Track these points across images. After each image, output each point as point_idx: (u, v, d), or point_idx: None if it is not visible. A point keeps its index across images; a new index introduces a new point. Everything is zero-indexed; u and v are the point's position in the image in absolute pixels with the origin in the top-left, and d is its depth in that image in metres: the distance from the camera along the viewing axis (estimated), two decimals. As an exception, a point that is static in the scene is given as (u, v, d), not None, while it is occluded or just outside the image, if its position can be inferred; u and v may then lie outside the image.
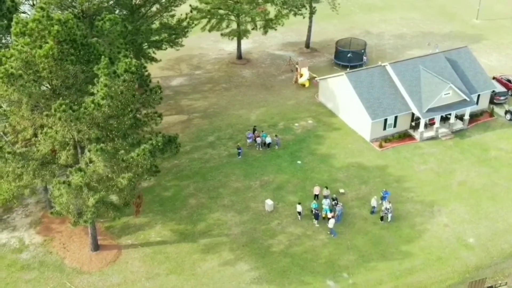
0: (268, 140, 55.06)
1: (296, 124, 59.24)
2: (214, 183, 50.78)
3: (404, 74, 57.15)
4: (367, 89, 56.28)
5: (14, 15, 37.46)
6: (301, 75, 66.56)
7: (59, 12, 49.89)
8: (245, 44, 73.03)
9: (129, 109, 36.08)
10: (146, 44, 55.74)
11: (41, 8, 35.76)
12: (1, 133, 46.33)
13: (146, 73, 39.50)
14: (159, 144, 35.51)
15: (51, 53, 34.87)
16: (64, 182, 33.01)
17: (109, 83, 34.39)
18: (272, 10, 69.58)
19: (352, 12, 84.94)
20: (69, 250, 43.61)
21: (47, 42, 35.10)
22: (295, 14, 68.52)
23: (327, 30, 79.26)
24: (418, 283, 41.46)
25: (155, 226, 45.98)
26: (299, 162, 53.48)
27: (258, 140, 54.73)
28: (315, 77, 66.37)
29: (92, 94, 35.83)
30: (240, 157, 53.85)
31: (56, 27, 35.12)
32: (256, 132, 55.99)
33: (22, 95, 34.33)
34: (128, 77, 35.39)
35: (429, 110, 55.34)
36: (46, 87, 36.13)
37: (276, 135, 56.00)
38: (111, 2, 51.45)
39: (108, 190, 34.81)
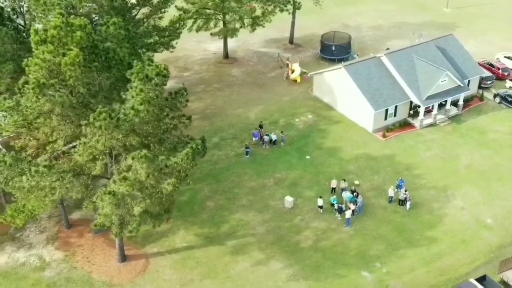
0: (274, 137, 54.87)
1: (297, 120, 59.29)
2: (228, 184, 50.19)
3: (400, 64, 58.16)
4: (366, 81, 56.96)
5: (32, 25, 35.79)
6: (293, 71, 66.65)
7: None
8: (229, 43, 72.18)
9: (165, 113, 35.19)
10: (144, 47, 54.33)
11: (61, 14, 34.30)
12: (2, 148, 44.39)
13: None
14: (199, 147, 34.76)
15: (77, 60, 33.54)
16: (109, 192, 31.79)
17: (144, 87, 33.44)
18: (257, 7, 69.33)
19: (327, 7, 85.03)
20: (95, 263, 42.11)
21: (71, 49, 33.76)
22: (281, 11, 68.44)
23: (306, 25, 79.45)
24: (449, 266, 42.34)
25: (177, 232, 45.03)
26: (308, 157, 53.56)
27: (266, 138, 54.48)
28: (306, 72, 66.63)
29: (122, 100, 34.85)
30: (248, 156, 53.43)
31: (78, 33, 33.86)
32: (262, 129, 55.68)
33: (54, 105, 32.87)
34: (159, 81, 34.55)
35: (428, 97, 56.56)
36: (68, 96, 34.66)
37: (282, 132, 55.86)
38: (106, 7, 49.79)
39: (151, 198, 33.77)
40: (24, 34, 43.08)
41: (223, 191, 49.32)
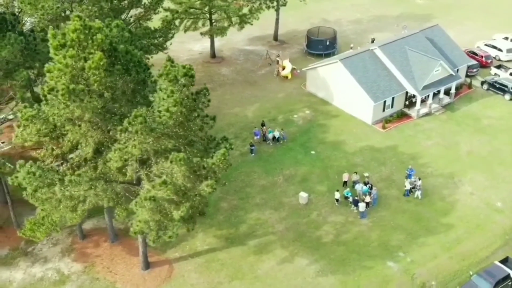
0: (276, 134, 54.65)
1: (295, 116, 59.24)
2: (238, 183, 49.65)
3: (393, 56, 58.89)
4: (363, 74, 57.43)
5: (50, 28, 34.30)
6: (283, 68, 66.55)
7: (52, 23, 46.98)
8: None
9: (196, 114, 34.44)
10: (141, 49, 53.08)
11: (78, 17, 33.02)
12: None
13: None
14: (232, 147, 34.20)
15: (101, 64, 32.40)
16: (150, 198, 30.84)
17: (174, 88, 32.72)
18: (243, 4, 68.89)
19: (301, 3, 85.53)
20: (117, 273, 40.86)
21: (91, 53, 32.61)
22: (268, 7, 68.33)
23: (287, 21, 79.38)
24: (468, 251, 43.14)
25: (196, 235, 44.19)
26: (313, 152, 53.58)
27: (270, 135, 54.23)
28: (295, 68, 66.72)
29: (148, 103, 34.07)
30: (253, 154, 53.03)
31: (99, 35, 32.77)
32: (264, 127, 55.39)
33: (84, 111, 31.63)
34: (187, 82, 33.95)
35: (424, 87, 57.48)
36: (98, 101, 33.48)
37: (282, 129, 55.64)
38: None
39: (189, 201, 32.95)
40: (26, 39, 41.33)
41: (234, 191, 48.74)
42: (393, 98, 57.79)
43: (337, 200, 46.84)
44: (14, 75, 36.77)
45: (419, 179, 48.12)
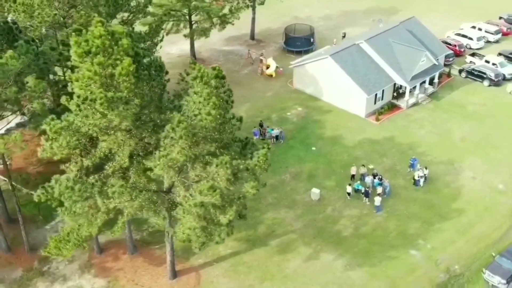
0: (276, 132, 54.55)
1: (289, 114, 59.35)
2: (246, 184, 49.17)
3: (379, 49, 59.96)
4: (353, 68, 58.19)
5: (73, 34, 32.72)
6: (268, 66, 66.48)
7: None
8: (189, 44, 70.49)
9: (231, 116, 33.83)
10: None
11: (101, 22, 31.87)
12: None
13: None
14: (269, 147, 33.83)
15: (130, 70, 31.39)
16: (199, 204, 30.05)
17: (210, 91, 32.11)
18: (222, 3, 68.35)
19: (272, 1, 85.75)
20: (144, 285, 39.65)
21: (117, 59, 31.55)
22: (247, 7, 68.09)
23: (260, 20, 78.79)
24: (482, 233, 44.56)
25: (216, 239, 43.48)
26: (313, 148, 53.84)
27: (273, 133, 54.09)
28: (278, 66, 66.84)
29: (178, 108, 33.33)
30: (255, 154, 52.62)
31: (124, 40, 31.78)
32: (263, 127, 55.17)
33: (122, 119, 30.49)
34: (219, 84, 33.35)
35: (412, 78, 58.85)
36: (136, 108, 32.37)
37: (281, 127, 55.58)
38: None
39: (233, 204, 32.37)
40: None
41: (245, 192, 48.23)
42: (383, 90, 58.81)
43: (348, 194, 47.24)
44: (29, 86, 34.86)
45: (426, 168, 49.20)
